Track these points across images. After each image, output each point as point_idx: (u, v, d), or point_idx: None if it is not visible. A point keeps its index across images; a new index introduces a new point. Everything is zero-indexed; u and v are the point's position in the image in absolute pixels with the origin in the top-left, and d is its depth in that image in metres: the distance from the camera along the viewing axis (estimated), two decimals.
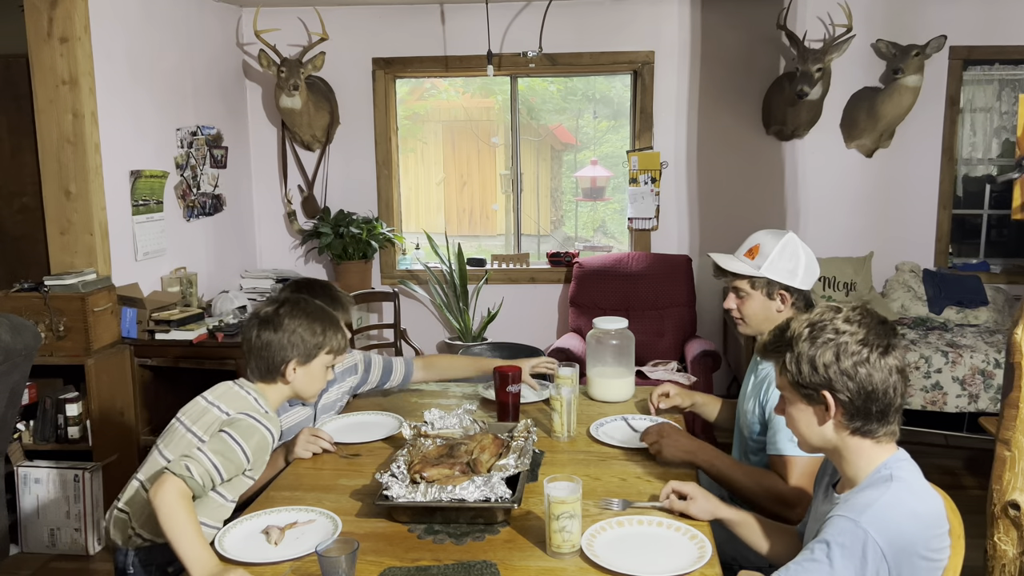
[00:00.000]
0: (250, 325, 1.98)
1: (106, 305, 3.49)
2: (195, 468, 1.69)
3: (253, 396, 1.93)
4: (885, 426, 1.44)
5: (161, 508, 1.62)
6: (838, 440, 1.46)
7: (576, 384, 2.41)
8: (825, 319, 1.46)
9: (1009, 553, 2.03)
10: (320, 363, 1.99)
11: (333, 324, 2.02)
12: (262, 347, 1.93)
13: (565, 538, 1.61)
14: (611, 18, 4.87)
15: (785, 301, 2.12)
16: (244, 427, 1.81)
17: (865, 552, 1.33)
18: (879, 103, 4.55)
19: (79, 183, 3.52)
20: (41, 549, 3.37)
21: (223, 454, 1.75)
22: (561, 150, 5.53)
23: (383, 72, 5.03)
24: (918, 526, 1.38)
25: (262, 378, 1.96)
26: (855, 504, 1.38)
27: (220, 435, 1.79)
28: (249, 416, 1.84)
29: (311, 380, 2.00)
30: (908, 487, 1.41)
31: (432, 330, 5.21)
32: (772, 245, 2.13)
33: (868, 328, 1.44)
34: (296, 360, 1.95)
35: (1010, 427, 1.98)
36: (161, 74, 4.15)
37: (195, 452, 1.74)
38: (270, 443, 1.87)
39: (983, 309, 4.59)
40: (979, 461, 4.17)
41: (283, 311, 1.96)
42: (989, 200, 4.97)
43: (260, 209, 5.20)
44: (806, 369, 1.44)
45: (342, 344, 2.04)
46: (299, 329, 1.94)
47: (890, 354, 1.43)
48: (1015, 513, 2.00)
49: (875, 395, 1.42)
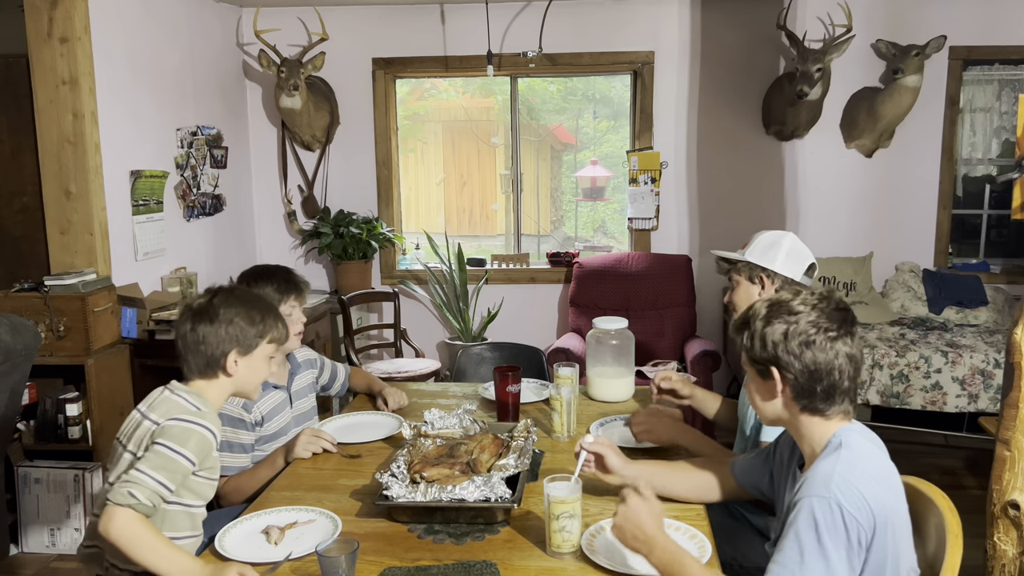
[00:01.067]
0: (183, 319, 1.85)
1: (106, 305, 3.49)
2: (139, 492, 1.62)
3: (184, 398, 1.82)
4: (832, 406, 1.48)
5: (120, 541, 1.57)
6: (790, 416, 1.52)
7: (576, 384, 2.41)
8: (783, 300, 1.52)
9: (1009, 553, 2.03)
10: (262, 353, 1.89)
11: (272, 312, 1.93)
12: (199, 341, 1.82)
13: (565, 538, 1.61)
14: (611, 18, 4.87)
15: (766, 286, 2.15)
16: (176, 433, 1.72)
17: (845, 522, 1.35)
18: (879, 103, 4.55)
19: (79, 183, 3.52)
20: (41, 549, 3.37)
21: (163, 468, 1.67)
22: (561, 150, 5.53)
23: (383, 72, 5.03)
24: (881, 486, 1.42)
25: (201, 374, 1.85)
26: (816, 480, 1.41)
27: (154, 448, 1.70)
28: (179, 420, 1.74)
29: (253, 371, 1.89)
30: (859, 451, 1.45)
31: (432, 330, 5.21)
32: (760, 236, 2.21)
33: (822, 312, 1.48)
34: (236, 351, 1.84)
35: (1010, 427, 1.99)
36: (161, 74, 4.15)
37: (133, 474, 1.65)
38: (211, 440, 1.77)
39: (983, 309, 4.59)
40: (979, 461, 4.17)
41: (217, 300, 1.85)
42: (989, 200, 4.97)
43: (260, 209, 5.20)
44: (758, 345, 1.50)
45: (283, 332, 1.95)
46: (236, 318, 1.83)
47: (841, 339, 1.47)
48: (1015, 513, 2.00)
49: (819, 375, 1.46)
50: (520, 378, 2.39)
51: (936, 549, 1.54)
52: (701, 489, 1.84)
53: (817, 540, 1.35)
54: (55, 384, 3.55)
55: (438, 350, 5.21)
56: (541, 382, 2.79)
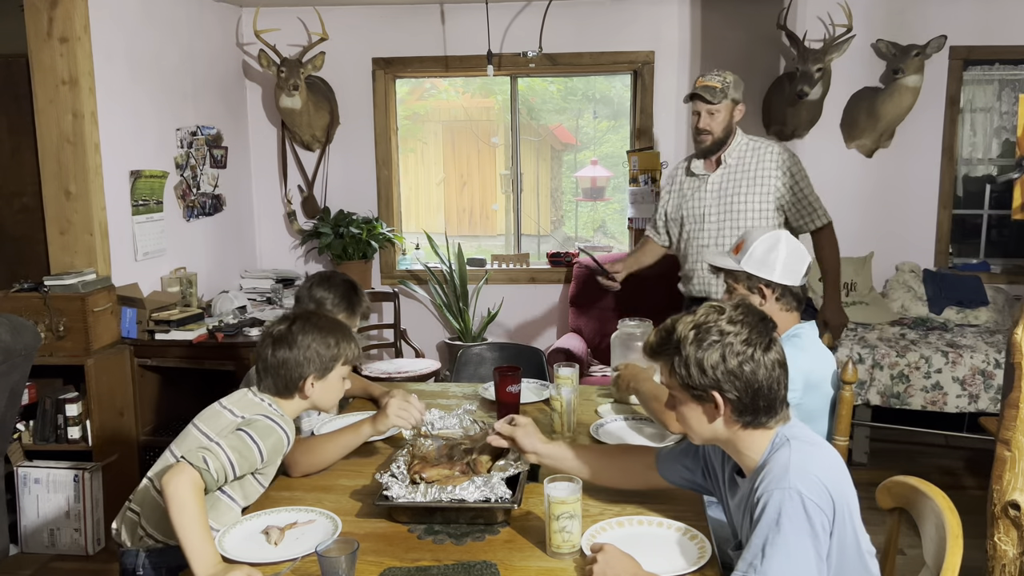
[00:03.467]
0: (264, 344, 1.98)
1: (106, 305, 3.49)
2: (212, 461, 1.70)
3: (268, 402, 1.95)
4: (773, 417, 1.50)
5: (174, 498, 1.62)
6: (730, 434, 1.52)
7: (576, 384, 2.40)
8: (710, 321, 1.49)
9: (1009, 553, 2.03)
10: (337, 375, 2.00)
11: (346, 335, 2.03)
12: (278, 365, 1.94)
13: (565, 538, 1.61)
14: (611, 18, 4.87)
15: (766, 296, 2.14)
16: (261, 427, 1.84)
17: (807, 510, 1.37)
18: (879, 103, 4.55)
19: (79, 183, 3.52)
20: (41, 549, 3.37)
21: (239, 451, 1.77)
22: (561, 150, 5.53)
23: (383, 72, 5.03)
24: (833, 473, 1.44)
25: (279, 394, 1.97)
26: (774, 474, 1.42)
27: (238, 433, 1.81)
28: (266, 417, 1.87)
29: (329, 392, 2.01)
30: (807, 441, 1.49)
31: (432, 330, 5.21)
32: (754, 239, 2.18)
33: (751, 327, 1.49)
34: (313, 375, 1.95)
35: (1010, 427, 1.98)
36: (161, 74, 4.14)
37: (212, 445, 1.76)
38: (285, 445, 1.90)
39: (983, 309, 4.59)
40: (979, 461, 4.17)
41: (296, 328, 1.96)
42: (989, 200, 4.97)
43: (260, 209, 5.19)
44: (695, 372, 1.48)
45: (356, 352, 2.05)
46: (314, 344, 1.94)
47: (771, 349, 1.49)
48: (1015, 513, 2.00)
49: (761, 391, 1.47)
50: (520, 378, 2.39)
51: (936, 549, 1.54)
52: (620, 475, 1.85)
53: (779, 532, 1.37)
54: (55, 384, 3.55)
55: (438, 350, 5.21)
56: (541, 382, 2.79)
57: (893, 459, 4.22)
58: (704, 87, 3.00)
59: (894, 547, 1.78)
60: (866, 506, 1.66)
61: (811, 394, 2.11)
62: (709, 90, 2.98)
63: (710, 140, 3.05)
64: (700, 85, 3.03)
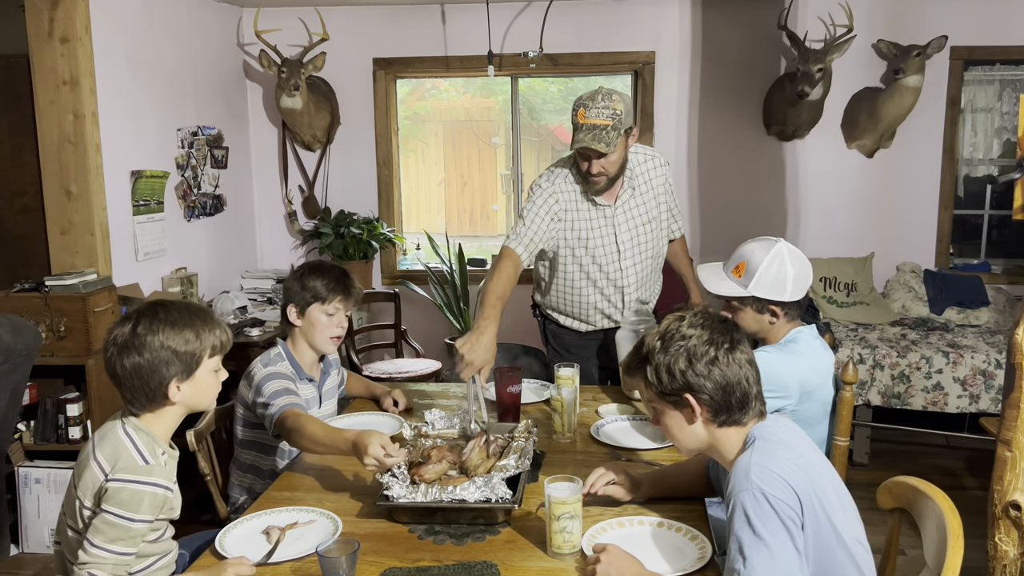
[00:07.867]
0: (109, 355, 1.67)
1: (107, 305, 3.48)
2: (100, 571, 1.58)
3: (134, 444, 1.66)
4: (747, 413, 1.55)
5: None
6: (710, 436, 1.57)
7: (576, 384, 2.40)
8: (672, 328, 1.56)
9: (1010, 554, 2.03)
10: (205, 370, 1.72)
11: (205, 321, 1.72)
12: (131, 376, 1.65)
13: (566, 539, 1.61)
14: (612, 18, 4.87)
15: (777, 315, 2.13)
16: (125, 499, 1.60)
17: (772, 506, 1.39)
18: (880, 103, 4.55)
19: (80, 183, 3.52)
20: (41, 549, 3.37)
21: (119, 538, 1.60)
22: (562, 150, 5.53)
23: (384, 72, 5.04)
24: (796, 466, 1.45)
25: (145, 408, 1.70)
26: (737, 476, 1.46)
27: (104, 518, 1.60)
28: (126, 483, 1.61)
29: (202, 391, 1.73)
30: (772, 438, 1.51)
31: (432, 330, 5.20)
32: (759, 261, 2.11)
33: (711, 329, 1.54)
34: (176, 378, 1.67)
35: (1011, 428, 1.98)
36: (162, 74, 4.15)
37: (92, 552, 1.58)
38: (164, 495, 1.66)
39: (984, 310, 4.58)
40: (980, 462, 4.16)
41: (141, 329, 1.65)
42: (990, 200, 4.97)
43: (260, 209, 5.20)
44: (665, 378, 1.54)
45: (224, 337, 1.75)
46: (167, 343, 1.65)
47: (737, 349, 1.54)
48: (1016, 514, 2.00)
49: (731, 388, 1.52)
50: (521, 379, 2.39)
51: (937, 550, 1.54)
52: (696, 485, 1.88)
53: (753, 532, 1.39)
54: (56, 384, 3.55)
55: (439, 350, 5.21)
56: (542, 382, 2.78)
57: (894, 459, 4.22)
58: (593, 132, 2.43)
59: (895, 547, 1.78)
60: (867, 506, 1.66)
61: (807, 400, 2.10)
62: (599, 136, 2.43)
63: (605, 180, 2.59)
64: (586, 124, 2.44)
